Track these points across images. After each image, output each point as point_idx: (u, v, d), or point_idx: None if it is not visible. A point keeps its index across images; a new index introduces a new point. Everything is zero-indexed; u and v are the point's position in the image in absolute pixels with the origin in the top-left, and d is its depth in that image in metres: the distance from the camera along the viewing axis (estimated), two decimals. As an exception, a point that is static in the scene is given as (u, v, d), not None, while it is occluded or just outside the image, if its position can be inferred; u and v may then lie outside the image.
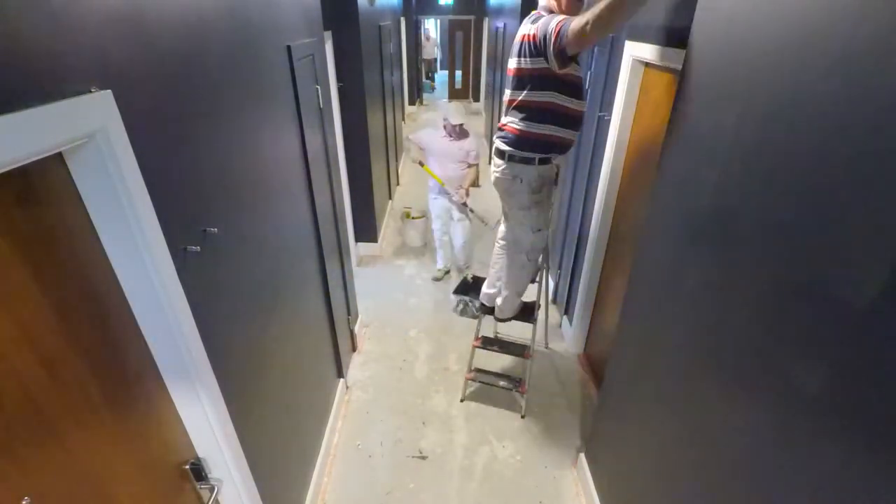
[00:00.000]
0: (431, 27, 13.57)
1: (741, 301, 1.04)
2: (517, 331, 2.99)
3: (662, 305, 1.47)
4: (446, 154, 3.37)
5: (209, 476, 1.27)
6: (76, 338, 0.85)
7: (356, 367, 3.00)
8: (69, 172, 0.83)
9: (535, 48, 1.82)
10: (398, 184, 6.11)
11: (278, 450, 1.72)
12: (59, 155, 0.80)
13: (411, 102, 10.62)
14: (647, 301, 1.59)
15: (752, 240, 1.01)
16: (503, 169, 2.09)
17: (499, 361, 3.00)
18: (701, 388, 1.22)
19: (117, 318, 0.96)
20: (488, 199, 4.88)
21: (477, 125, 9.64)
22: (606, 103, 2.44)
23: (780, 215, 0.93)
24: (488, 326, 3.04)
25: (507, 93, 2.01)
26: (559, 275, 3.41)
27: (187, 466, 1.20)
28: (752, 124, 1.03)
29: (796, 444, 0.87)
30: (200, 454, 1.25)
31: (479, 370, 2.77)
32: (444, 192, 3.52)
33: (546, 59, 1.80)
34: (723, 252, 1.12)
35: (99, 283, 0.91)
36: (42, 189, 0.78)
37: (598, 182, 2.57)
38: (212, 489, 1.25)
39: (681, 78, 1.37)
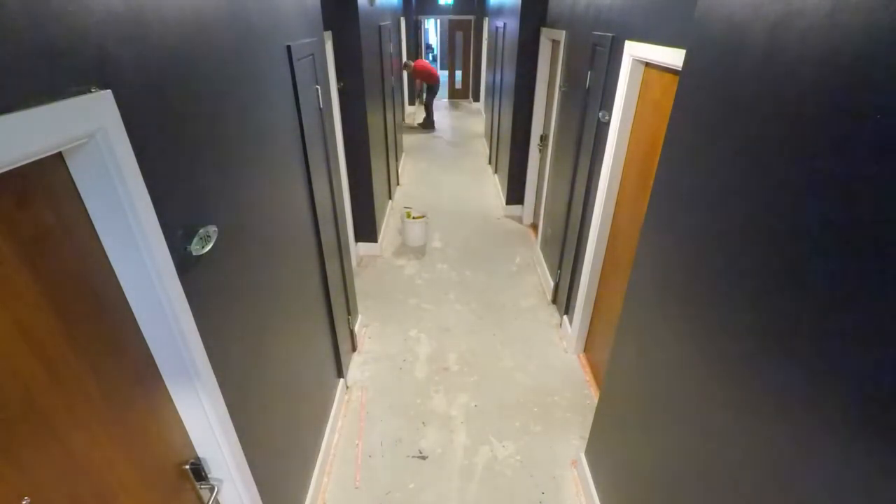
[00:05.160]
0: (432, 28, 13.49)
1: (743, 300, 1.04)
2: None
3: (663, 305, 1.47)
4: None
5: (209, 476, 1.27)
6: (76, 338, 0.85)
7: (356, 367, 3.00)
8: (69, 172, 0.83)
9: None
10: (398, 184, 6.11)
11: (278, 450, 1.72)
12: (59, 155, 0.80)
13: (411, 102, 10.63)
14: (648, 301, 1.59)
15: (753, 238, 1.01)
16: None
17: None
18: (702, 388, 1.22)
19: (117, 318, 0.96)
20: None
21: (477, 125, 9.63)
22: (606, 103, 2.44)
23: (779, 213, 0.93)
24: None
25: None
26: (559, 275, 3.41)
27: (187, 466, 1.20)
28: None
29: (795, 444, 0.87)
30: (200, 454, 1.25)
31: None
32: None
33: None
34: (724, 250, 1.12)
35: (99, 284, 0.91)
36: (42, 189, 0.78)
37: (598, 181, 2.57)
38: (212, 489, 1.26)
39: (681, 78, 1.37)
